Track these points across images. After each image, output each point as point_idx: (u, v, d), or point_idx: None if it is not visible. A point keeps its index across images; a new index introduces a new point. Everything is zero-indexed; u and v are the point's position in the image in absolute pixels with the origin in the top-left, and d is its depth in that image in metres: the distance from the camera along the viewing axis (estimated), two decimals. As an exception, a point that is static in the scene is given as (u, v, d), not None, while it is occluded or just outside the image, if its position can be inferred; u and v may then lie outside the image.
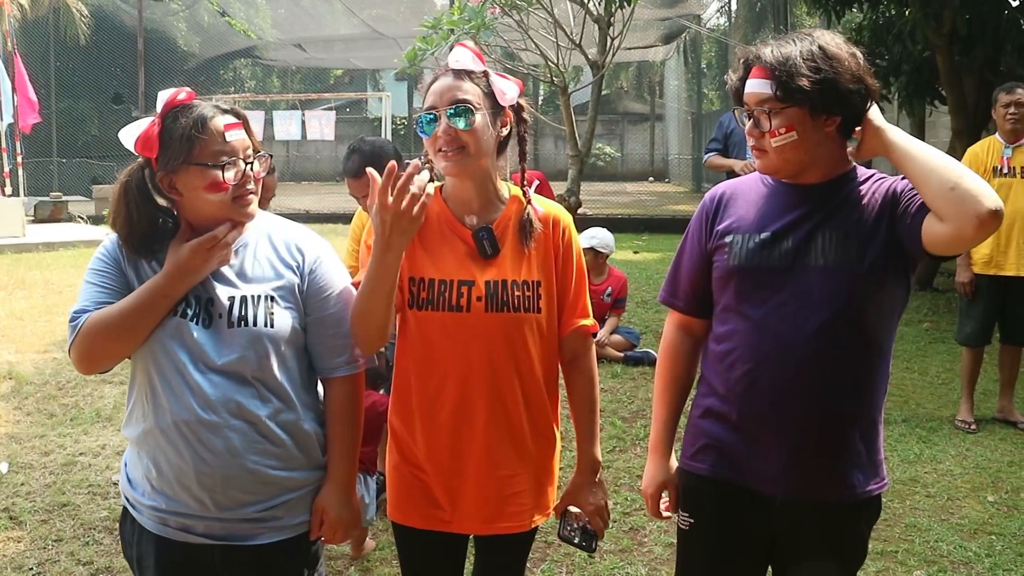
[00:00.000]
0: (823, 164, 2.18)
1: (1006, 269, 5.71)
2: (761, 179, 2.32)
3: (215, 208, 2.17)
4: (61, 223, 17.75)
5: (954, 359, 6.87)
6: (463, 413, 2.28)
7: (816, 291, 2.13)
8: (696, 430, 2.36)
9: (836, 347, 2.13)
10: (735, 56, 2.27)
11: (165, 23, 27.96)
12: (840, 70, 2.09)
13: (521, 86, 2.36)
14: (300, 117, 18.83)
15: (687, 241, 2.41)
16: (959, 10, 8.77)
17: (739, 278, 2.22)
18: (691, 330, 2.42)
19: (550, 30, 11.16)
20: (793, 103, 2.09)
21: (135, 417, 2.23)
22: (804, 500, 2.20)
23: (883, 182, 2.19)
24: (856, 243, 2.12)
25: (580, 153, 11.70)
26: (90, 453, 5.03)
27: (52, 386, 6.31)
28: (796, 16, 20.29)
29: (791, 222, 2.18)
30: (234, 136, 2.16)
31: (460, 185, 2.33)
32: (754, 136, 2.17)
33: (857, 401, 2.18)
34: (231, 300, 2.17)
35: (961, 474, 4.98)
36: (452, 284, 2.26)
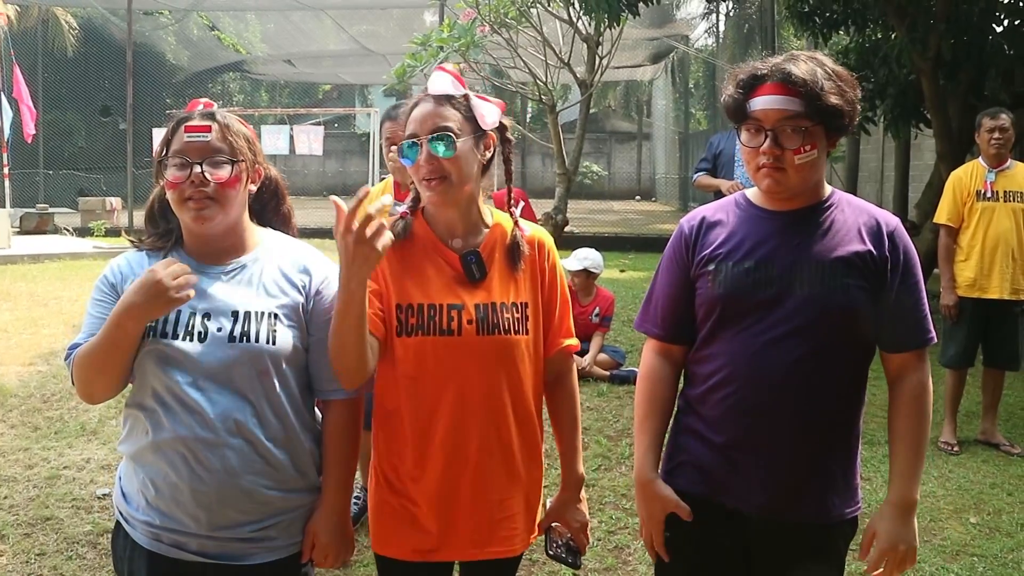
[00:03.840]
0: (813, 188, 2.23)
1: (989, 292, 5.76)
2: (737, 204, 2.34)
3: (178, 211, 2.18)
4: (47, 235, 17.68)
5: (937, 381, 6.86)
6: (456, 438, 2.25)
7: (798, 319, 2.16)
8: (676, 447, 2.40)
9: (816, 374, 2.16)
10: (734, 71, 2.25)
11: (154, 36, 27.91)
12: (854, 96, 2.16)
13: (503, 107, 2.34)
14: (288, 132, 18.81)
15: (663, 268, 2.41)
16: (944, 35, 8.86)
17: (723, 305, 2.24)
18: (670, 356, 2.43)
19: (539, 48, 11.23)
20: (819, 121, 2.11)
21: (132, 434, 2.22)
22: (780, 521, 2.24)
23: (865, 215, 2.24)
24: (839, 273, 2.15)
25: (567, 171, 11.75)
26: (74, 467, 5.01)
27: (37, 399, 6.27)
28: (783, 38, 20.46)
29: (775, 249, 2.20)
30: (193, 137, 2.15)
31: (444, 211, 2.30)
32: (773, 154, 2.13)
33: (834, 426, 2.22)
34: (234, 315, 2.17)
35: (944, 496, 5.01)
36: (442, 308, 2.24)
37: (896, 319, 2.21)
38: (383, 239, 1.93)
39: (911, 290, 2.21)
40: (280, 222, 2.43)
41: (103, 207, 19.60)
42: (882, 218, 2.24)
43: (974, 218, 5.82)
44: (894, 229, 2.22)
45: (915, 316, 2.22)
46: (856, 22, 9.97)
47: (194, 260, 2.25)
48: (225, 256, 2.27)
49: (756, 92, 2.16)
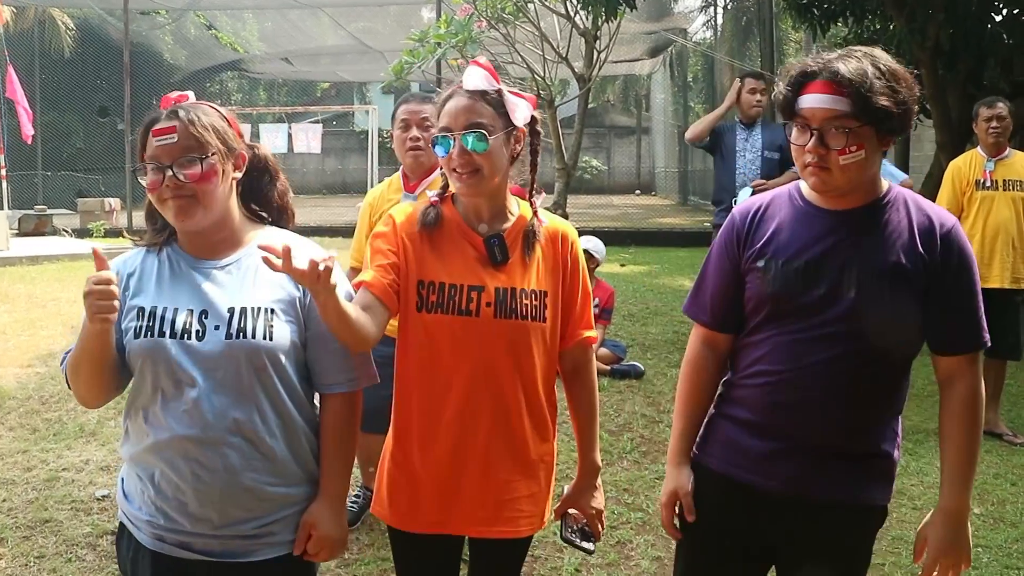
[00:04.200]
0: (867, 186, 2.20)
1: (990, 281, 5.73)
2: (792, 199, 2.32)
3: (161, 211, 2.19)
4: (45, 236, 17.66)
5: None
6: (466, 416, 2.32)
7: (845, 321, 2.16)
8: (710, 427, 2.43)
9: (861, 373, 2.18)
10: (787, 67, 2.23)
11: (151, 36, 27.88)
12: (909, 96, 2.13)
13: (534, 102, 2.40)
14: (287, 130, 18.80)
15: (715, 256, 2.42)
16: (943, 24, 8.83)
17: (772, 303, 2.25)
18: (715, 345, 2.45)
19: (537, 43, 11.20)
20: (867, 121, 2.08)
21: (131, 436, 2.21)
22: (810, 502, 2.24)
23: (920, 213, 2.20)
24: (888, 278, 2.15)
25: (567, 166, 11.73)
26: (73, 468, 4.99)
27: (35, 401, 6.25)
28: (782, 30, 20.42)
29: (826, 250, 2.20)
30: (160, 141, 2.14)
31: (473, 199, 2.37)
32: (818, 153, 2.12)
33: (878, 420, 2.25)
34: (231, 311, 2.16)
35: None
36: (463, 288, 2.30)
37: (948, 321, 2.19)
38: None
39: (965, 293, 2.18)
40: (278, 201, 2.40)
41: (102, 208, 19.60)
42: (937, 218, 2.20)
43: (974, 207, 5.81)
44: (950, 229, 2.18)
45: (968, 319, 2.20)
46: (854, 13, 9.94)
47: (190, 255, 2.25)
48: (220, 250, 2.25)
49: (805, 89, 2.15)
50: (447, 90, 2.37)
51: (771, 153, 6.80)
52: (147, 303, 2.18)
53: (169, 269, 2.23)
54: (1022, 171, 5.81)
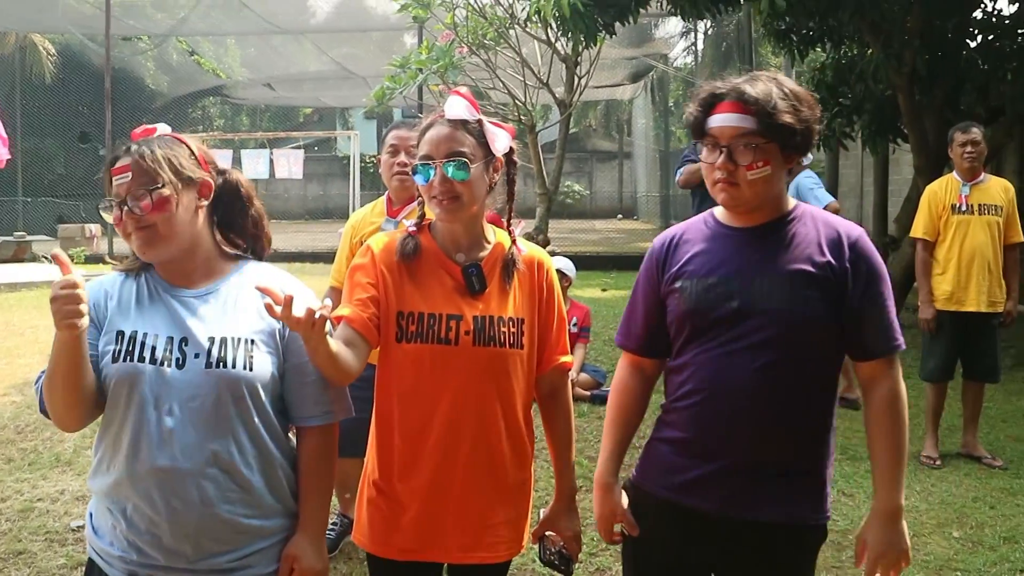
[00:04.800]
0: (773, 203, 2.30)
1: (967, 305, 5.77)
2: (705, 223, 2.42)
3: (129, 244, 2.21)
4: (25, 263, 17.57)
5: (918, 394, 6.88)
6: (447, 444, 2.33)
7: (761, 332, 2.21)
8: (648, 450, 2.48)
9: (781, 385, 2.22)
10: (696, 90, 2.36)
11: (133, 62, 27.89)
12: (811, 116, 2.25)
13: (513, 132, 2.45)
14: (268, 156, 18.78)
15: (639, 285, 2.50)
16: (920, 50, 8.92)
17: (690, 320, 2.31)
18: (642, 369, 2.52)
19: (518, 69, 11.25)
20: (772, 138, 2.19)
21: (104, 466, 2.17)
22: (745, 522, 2.26)
23: (827, 227, 2.29)
24: (799, 287, 2.21)
25: (548, 191, 11.76)
26: (48, 499, 4.93)
27: (11, 430, 6.20)
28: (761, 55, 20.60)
29: (737, 265, 2.27)
30: (118, 179, 2.17)
31: (450, 226, 2.40)
32: (726, 169, 2.22)
33: (800, 433, 2.26)
34: (211, 340, 2.14)
35: (927, 510, 4.99)
36: (441, 318, 2.33)
37: (861, 328, 2.24)
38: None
39: (875, 299, 2.24)
40: (252, 228, 2.37)
41: (82, 234, 19.55)
42: (844, 229, 2.28)
43: (950, 231, 5.84)
44: (856, 239, 2.26)
45: (881, 324, 2.25)
46: (832, 39, 10.04)
47: (166, 282, 2.23)
48: (195, 279, 2.23)
49: (714, 110, 2.26)
50: (427, 118, 2.40)
51: None
52: (126, 327, 2.15)
53: (148, 294, 2.21)
54: (997, 195, 5.85)
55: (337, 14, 23.77)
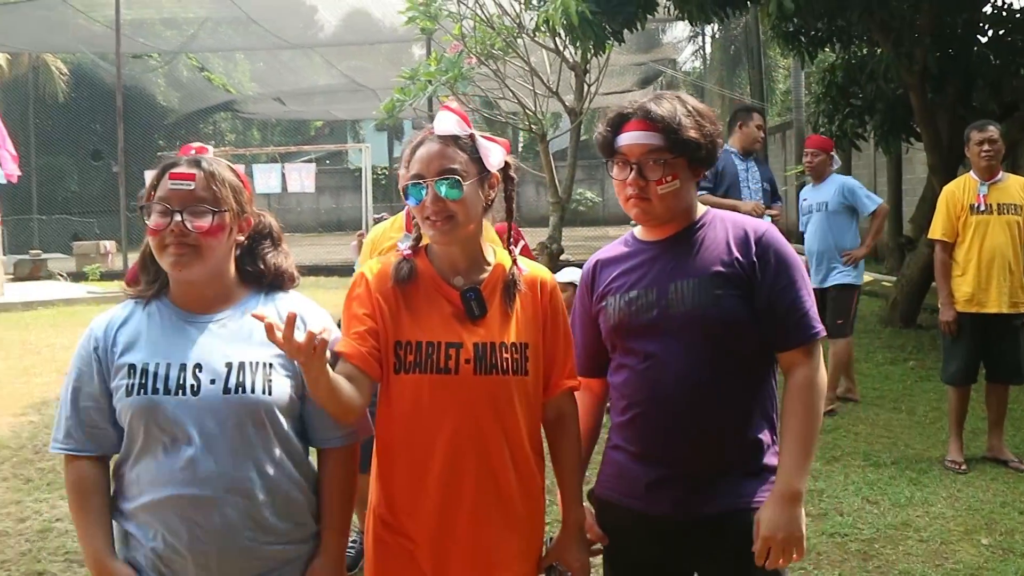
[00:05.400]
0: (684, 214, 2.38)
1: (987, 306, 5.69)
2: (625, 242, 2.51)
3: (158, 256, 2.14)
4: (40, 280, 17.66)
5: (941, 398, 6.84)
6: (451, 477, 2.21)
7: (680, 337, 2.29)
8: (606, 459, 2.51)
9: (707, 387, 2.27)
10: (605, 111, 2.43)
11: (144, 79, 28.08)
12: (714, 131, 2.35)
13: (508, 147, 2.34)
14: (280, 170, 18.84)
15: (575, 312, 2.58)
16: (930, 48, 8.87)
17: (617, 335, 2.39)
18: (589, 388, 2.55)
19: (527, 78, 11.25)
20: (679, 154, 2.28)
21: (125, 495, 2.15)
22: (704, 519, 2.30)
23: (735, 227, 2.37)
24: (710, 286, 2.28)
25: (561, 199, 11.75)
26: (67, 519, 4.91)
27: (29, 450, 6.21)
28: (770, 57, 20.56)
29: (653, 276, 2.36)
30: (176, 185, 2.10)
31: (447, 248, 2.29)
32: (637, 185, 2.29)
33: (734, 428, 2.31)
34: (228, 366, 2.11)
35: (954, 517, 4.91)
36: (440, 346, 2.21)
37: (775, 319, 2.29)
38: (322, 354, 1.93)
39: (786, 290, 2.29)
40: (275, 267, 2.32)
41: (97, 251, 19.63)
42: (751, 226, 2.37)
43: (969, 232, 5.77)
44: (763, 234, 2.33)
45: (795, 315, 2.29)
46: (841, 39, 9.99)
47: (179, 308, 2.20)
48: (213, 305, 2.20)
49: (622, 129, 2.34)
50: (417, 136, 2.29)
51: (766, 184, 6.97)
52: (137, 359, 2.12)
53: (160, 323, 2.18)
54: (1016, 194, 5.77)
55: (345, 27, 23.87)
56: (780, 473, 2.28)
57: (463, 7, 10.35)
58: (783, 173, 20.77)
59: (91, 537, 2.16)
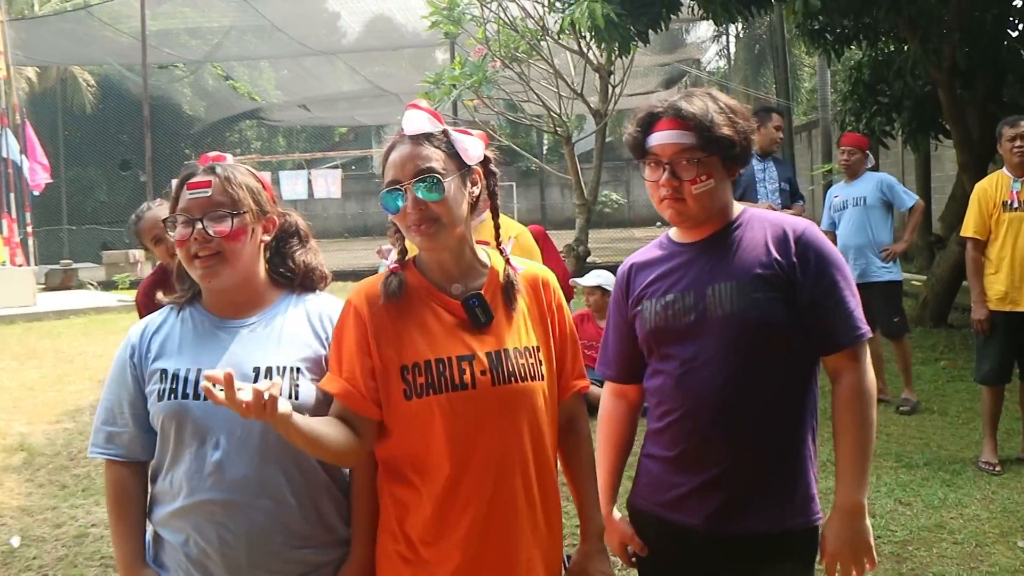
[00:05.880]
0: (720, 214, 2.31)
1: (1021, 305, 5.62)
2: (660, 244, 2.45)
3: (188, 268, 2.16)
4: (71, 290, 17.85)
5: (973, 398, 6.77)
6: (479, 499, 2.07)
7: (719, 341, 2.21)
8: (641, 467, 2.45)
9: (745, 390, 2.20)
10: (635, 110, 2.36)
11: (170, 89, 28.34)
12: (747, 127, 2.28)
13: (486, 139, 2.19)
14: (306, 176, 18.95)
15: (611, 315, 2.53)
16: (959, 44, 8.79)
17: (654, 340, 2.33)
18: (625, 395, 2.53)
19: (551, 81, 11.27)
20: (713, 152, 2.22)
21: (158, 500, 2.18)
22: (731, 536, 2.23)
23: (773, 227, 2.29)
24: (750, 289, 2.21)
25: (587, 201, 11.76)
26: (102, 524, 4.96)
27: (64, 457, 6.27)
28: (795, 56, 20.44)
29: (690, 279, 2.29)
30: (194, 194, 2.13)
31: (436, 255, 2.14)
32: (671, 186, 2.23)
33: (773, 439, 2.24)
34: (256, 371, 2.12)
35: (988, 518, 4.85)
36: (451, 361, 2.06)
37: (820, 320, 2.22)
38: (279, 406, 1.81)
39: (829, 290, 2.22)
40: (304, 265, 2.33)
41: (126, 260, 19.80)
42: (789, 225, 2.28)
43: (1001, 229, 5.70)
44: (802, 232, 2.25)
45: (839, 315, 2.22)
46: (868, 36, 9.91)
47: (214, 315, 2.22)
48: (244, 310, 2.23)
49: (653, 129, 2.27)
50: (388, 141, 2.14)
51: (784, 184, 6.98)
52: (169, 365, 2.16)
53: (192, 329, 2.21)
54: (1049, 190, 5.72)
55: (368, 33, 23.95)
56: (840, 486, 2.22)
57: (486, 11, 10.39)
58: (809, 172, 20.65)
59: (124, 544, 2.19)
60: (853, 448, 2.22)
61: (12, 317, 13.28)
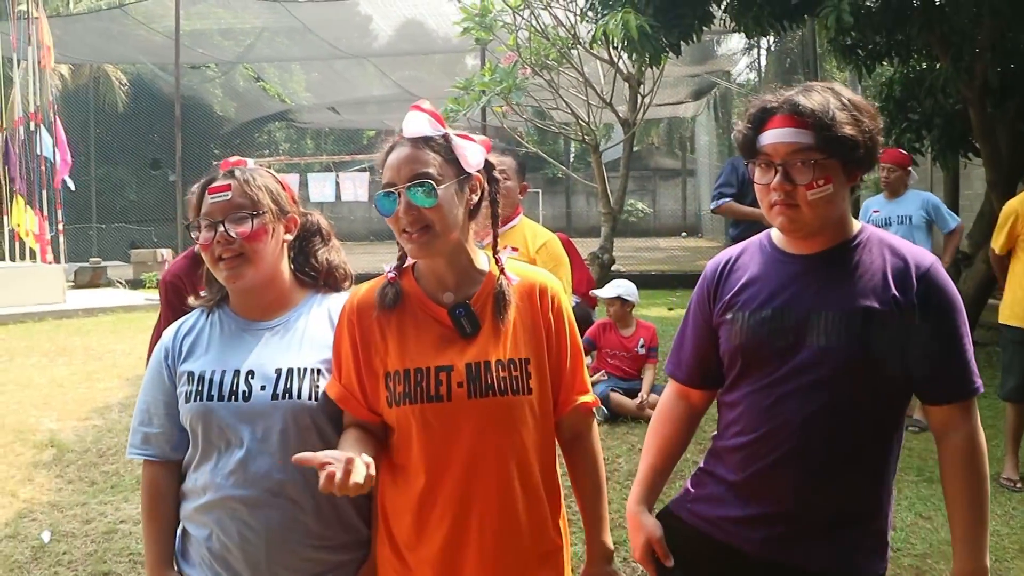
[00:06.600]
0: (836, 226, 2.10)
1: (1048, 323, 5.62)
2: (761, 247, 2.23)
3: (213, 271, 2.24)
4: (100, 288, 18.01)
5: (996, 415, 6.74)
6: (455, 512, 2.06)
7: (815, 372, 2.03)
8: (698, 482, 2.30)
9: (834, 429, 2.03)
10: (748, 104, 2.16)
11: (201, 89, 28.55)
12: (873, 127, 2.06)
13: (488, 145, 2.16)
14: (334, 179, 19.04)
15: (691, 312, 2.33)
16: (990, 63, 8.75)
17: (742, 355, 2.14)
18: (689, 399, 2.38)
19: (580, 89, 11.31)
20: (833, 154, 2.00)
21: (189, 497, 2.24)
22: (785, 566, 2.10)
23: (894, 256, 2.08)
24: (859, 323, 2.01)
25: (612, 210, 11.77)
26: (131, 521, 5.04)
27: (93, 453, 6.35)
28: (826, 70, 20.35)
29: (792, 297, 2.09)
30: (215, 198, 2.19)
31: (431, 262, 2.12)
32: (783, 190, 2.03)
33: (857, 483, 2.08)
34: (278, 372, 2.18)
35: (1008, 534, 4.86)
36: (429, 372, 2.04)
37: (933, 369, 2.04)
38: (356, 475, 1.80)
39: (948, 337, 2.03)
40: (328, 264, 2.40)
41: (154, 259, 19.95)
42: (913, 258, 2.07)
43: (1029, 247, 5.71)
44: (927, 270, 2.04)
45: (955, 366, 2.05)
46: (900, 53, 9.87)
47: (240, 317, 2.30)
48: (270, 311, 2.29)
49: (766, 126, 2.07)
50: (388, 141, 2.11)
51: None
52: (196, 367, 2.23)
53: (220, 331, 2.29)
54: (1078, 211, 5.71)
55: (399, 37, 24.03)
56: (963, 549, 2.06)
57: (518, 18, 10.43)
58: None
59: (154, 546, 2.27)
60: (973, 506, 2.05)
61: (42, 314, 13.42)
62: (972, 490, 2.06)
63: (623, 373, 7.26)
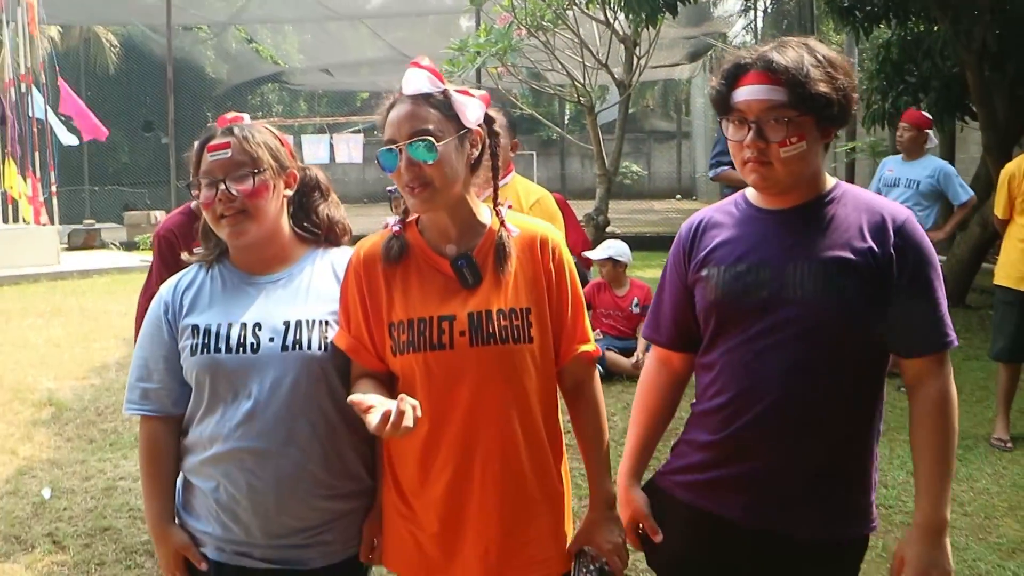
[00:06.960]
0: (810, 182, 2.09)
1: (1040, 284, 5.66)
2: (735, 205, 2.22)
3: (215, 228, 2.23)
4: (94, 250, 17.99)
5: (988, 377, 6.80)
6: (458, 458, 2.11)
7: (792, 325, 2.01)
8: (677, 452, 2.28)
9: (813, 384, 2.02)
10: (720, 61, 2.12)
11: (193, 51, 28.31)
12: (847, 83, 2.03)
13: (487, 99, 2.17)
14: (328, 140, 18.97)
15: (667, 274, 2.31)
16: (989, 26, 8.73)
17: (717, 312, 2.11)
18: (670, 364, 2.34)
19: (576, 50, 11.25)
20: (806, 111, 1.98)
21: (193, 450, 2.25)
22: (772, 533, 2.08)
23: (870, 210, 2.07)
24: (835, 276, 2.00)
25: (607, 172, 11.77)
26: (130, 477, 5.08)
27: (91, 412, 6.39)
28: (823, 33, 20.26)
29: (767, 252, 2.07)
30: (214, 155, 2.19)
31: (434, 216, 2.16)
32: (756, 147, 2.00)
33: (837, 438, 2.06)
34: (286, 324, 2.20)
35: (998, 493, 4.93)
36: (432, 321, 2.09)
37: (907, 322, 2.02)
38: (407, 419, 1.83)
39: (923, 290, 2.01)
40: (327, 218, 2.41)
41: (147, 221, 19.90)
42: (889, 211, 2.05)
43: (1026, 210, 5.73)
44: (902, 223, 2.02)
45: (929, 318, 2.03)
46: (897, 15, 9.84)
47: (242, 271, 2.30)
48: (272, 265, 2.30)
49: (739, 83, 2.04)
50: (388, 99, 2.13)
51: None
52: (201, 321, 2.23)
53: (221, 285, 2.29)
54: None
55: (393, -2, 23.90)
56: (923, 501, 2.05)
57: (514, -21, 10.37)
58: (834, 150, 20.51)
59: (154, 500, 2.29)
60: (937, 460, 2.04)
61: (36, 276, 13.44)
62: (939, 442, 2.05)
63: (618, 332, 7.32)
